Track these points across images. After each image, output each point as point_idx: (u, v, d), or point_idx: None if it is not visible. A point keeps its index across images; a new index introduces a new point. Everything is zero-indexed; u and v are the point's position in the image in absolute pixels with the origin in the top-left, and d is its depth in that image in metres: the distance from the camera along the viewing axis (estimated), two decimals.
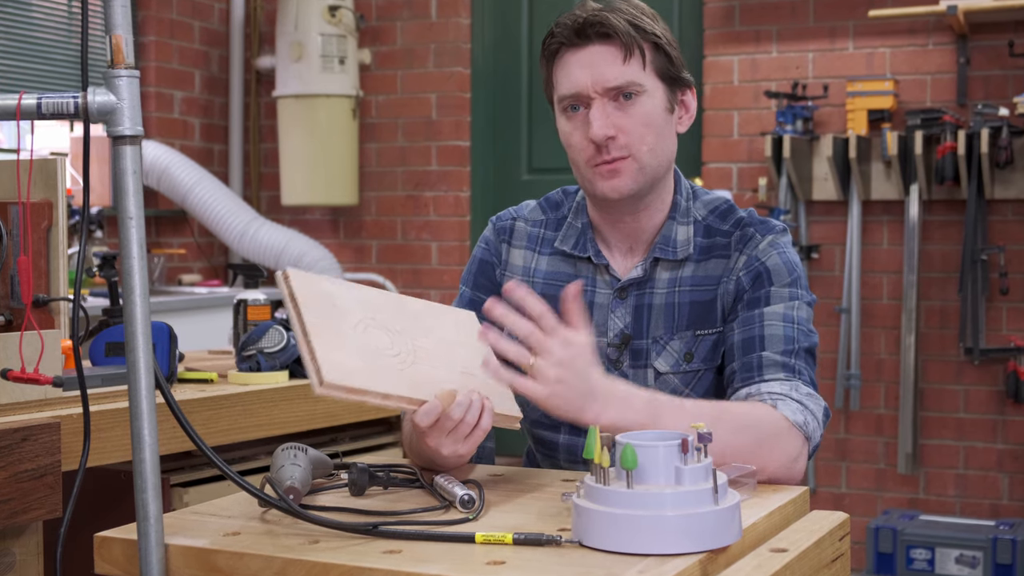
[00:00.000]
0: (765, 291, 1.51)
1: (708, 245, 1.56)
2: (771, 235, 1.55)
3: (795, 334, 1.49)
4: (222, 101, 4.70)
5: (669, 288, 1.56)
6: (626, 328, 1.56)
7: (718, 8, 4.07)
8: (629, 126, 1.49)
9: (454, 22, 4.47)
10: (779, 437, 1.40)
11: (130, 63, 1.12)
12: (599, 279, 1.58)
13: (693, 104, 1.58)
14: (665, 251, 1.56)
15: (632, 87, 1.49)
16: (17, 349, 1.54)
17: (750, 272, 1.53)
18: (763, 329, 1.49)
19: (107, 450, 1.72)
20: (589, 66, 1.49)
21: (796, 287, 1.53)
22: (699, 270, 1.55)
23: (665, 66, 1.52)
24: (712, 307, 1.54)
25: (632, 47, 1.48)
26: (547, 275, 1.61)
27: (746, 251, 1.54)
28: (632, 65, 1.49)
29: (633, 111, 1.49)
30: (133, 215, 1.12)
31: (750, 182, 4.05)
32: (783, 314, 1.50)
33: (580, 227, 1.61)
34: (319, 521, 1.17)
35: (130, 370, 1.12)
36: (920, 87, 3.86)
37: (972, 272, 3.73)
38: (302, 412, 2.07)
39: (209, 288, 4.21)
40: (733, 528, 1.11)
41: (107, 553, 1.19)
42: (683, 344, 1.54)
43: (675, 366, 1.53)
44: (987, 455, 3.82)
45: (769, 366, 1.47)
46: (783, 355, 1.48)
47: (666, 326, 1.54)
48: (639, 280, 1.56)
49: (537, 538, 1.11)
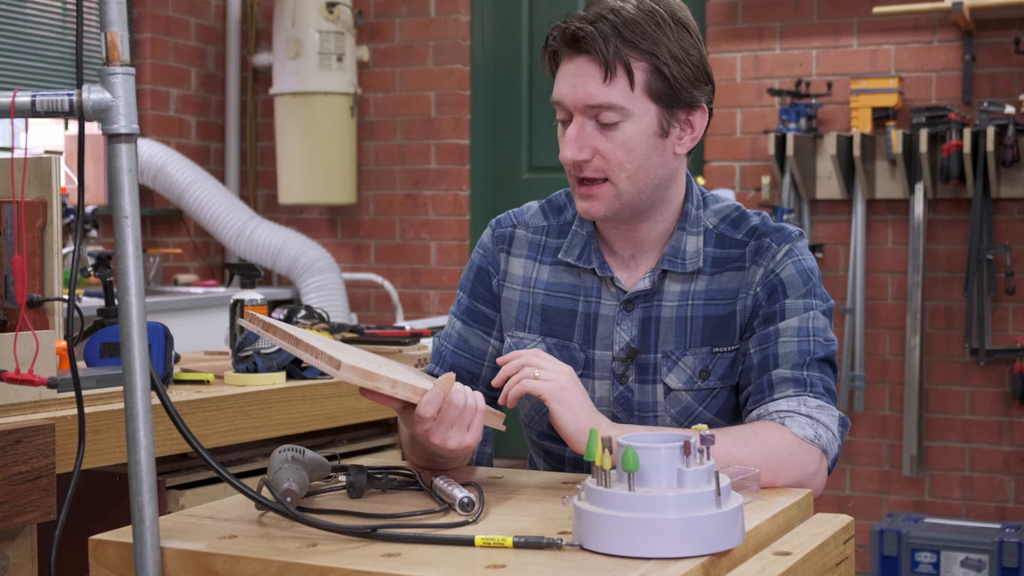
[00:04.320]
0: (780, 304, 1.48)
1: (722, 257, 1.51)
2: (787, 244, 1.50)
3: (810, 346, 1.46)
4: (218, 99, 4.69)
5: (681, 301, 1.51)
6: (632, 341, 1.51)
7: (721, 4, 4.06)
8: (608, 150, 1.43)
9: (453, 19, 4.45)
10: (791, 454, 1.39)
11: (125, 60, 1.12)
12: (604, 290, 1.54)
13: (701, 123, 1.48)
14: (674, 263, 1.51)
15: (613, 109, 1.41)
16: (11, 350, 1.54)
17: (767, 287, 1.49)
18: (777, 347, 1.47)
19: (102, 452, 1.72)
20: (573, 77, 1.43)
21: (811, 296, 1.49)
22: (713, 283, 1.50)
23: (661, 88, 1.42)
24: (730, 322, 1.50)
25: (615, 66, 1.40)
26: (548, 286, 1.57)
27: (763, 263, 1.49)
28: (615, 86, 1.41)
29: (613, 135, 1.43)
30: (128, 214, 1.11)
31: (753, 181, 4.04)
32: (798, 328, 1.47)
33: (585, 235, 1.56)
34: (317, 524, 1.17)
35: (125, 371, 1.12)
36: (925, 84, 3.84)
37: (978, 272, 3.72)
38: (299, 414, 2.06)
39: (205, 288, 4.20)
40: (736, 531, 1.11)
41: (102, 556, 1.18)
42: (698, 361, 1.49)
43: (688, 383, 1.50)
44: (993, 457, 3.81)
45: (779, 384, 1.45)
46: (794, 369, 1.45)
47: (677, 341, 1.50)
48: (646, 292, 1.51)
49: (537, 541, 1.11)
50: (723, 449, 1.32)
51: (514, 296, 1.58)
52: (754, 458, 1.35)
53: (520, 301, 1.57)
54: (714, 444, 1.16)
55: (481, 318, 1.60)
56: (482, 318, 1.60)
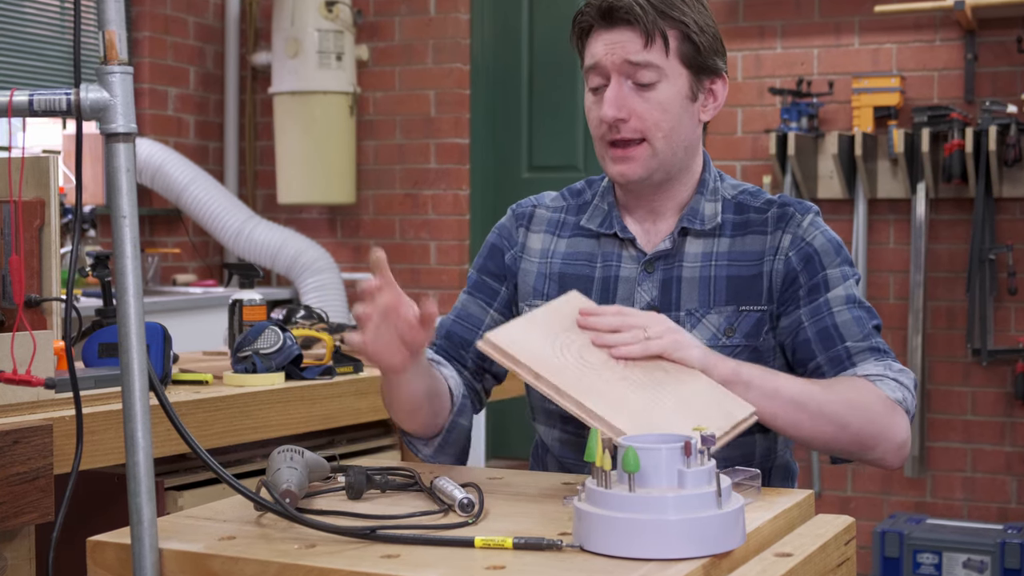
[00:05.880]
0: (823, 275, 1.54)
1: (743, 221, 1.58)
2: (810, 214, 1.58)
3: (862, 314, 1.54)
4: (217, 98, 4.68)
5: (704, 262, 1.56)
6: (653, 301, 1.56)
7: (722, 3, 4.05)
8: (645, 111, 1.51)
9: (453, 17, 4.45)
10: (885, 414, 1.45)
11: (123, 59, 1.12)
12: (624, 253, 1.60)
13: (722, 92, 1.58)
14: (692, 222, 1.57)
15: (651, 68, 1.50)
16: (9, 350, 1.53)
17: (800, 253, 1.54)
18: (833, 318, 1.52)
19: (100, 453, 1.71)
20: (612, 44, 1.51)
21: (846, 264, 1.56)
22: (736, 245, 1.57)
23: (691, 53, 1.52)
24: (756, 283, 1.55)
25: (654, 33, 1.49)
26: (566, 255, 1.63)
27: (789, 229, 1.55)
28: (653, 51, 1.50)
29: (650, 96, 1.51)
30: (127, 214, 1.11)
31: (754, 180, 4.03)
32: (845, 296, 1.53)
33: (607, 207, 1.62)
34: (316, 525, 1.16)
35: (124, 371, 1.11)
36: (927, 84, 3.84)
37: (980, 272, 3.71)
38: (298, 414, 2.06)
39: (204, 288, 4.20)
40: (737, 532, 1.10)
41: (100, 557, 1.18)
42: (723, 319, 1.54)
43: (712, 340, 1.54)
44: (995, 458, 3.80)
45: (857, 353, 1.51)
46: (863, 340, 1.52)
47: (701, 300, 1.55)
48: (667, 253, 1.57)
49: (537, 542, 1.10)
50: (829, 407, 1.41)
51: (532, 268, 1.64)
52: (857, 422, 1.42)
53: (537, 272, 1.63)
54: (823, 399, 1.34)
55: (486, 289, 1.66)
56: (487, 289, 1.66)
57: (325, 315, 2.39)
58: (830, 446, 1.46)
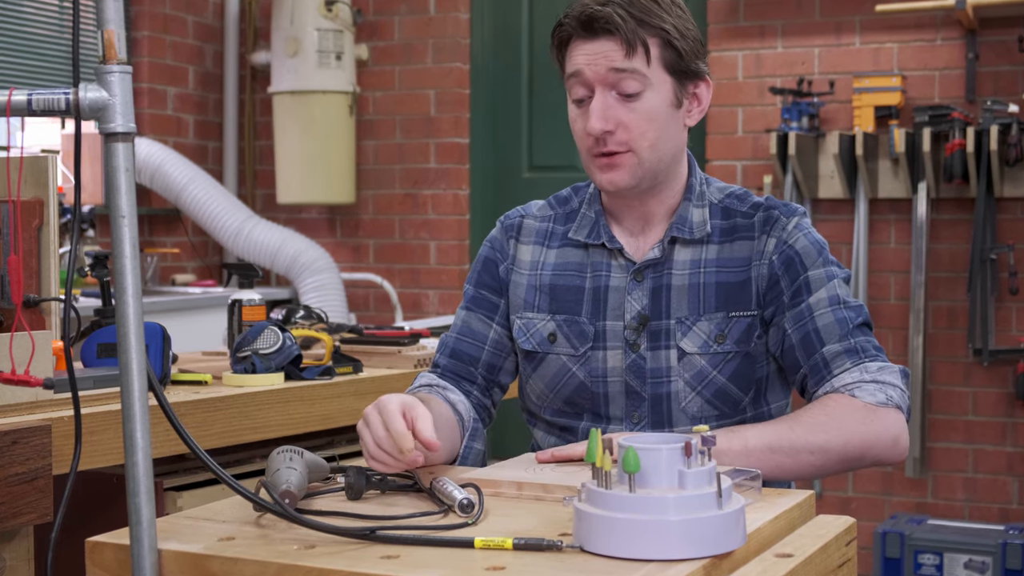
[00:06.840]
0: (804, 278, 1.53)
1: (729, 227, 1.58)
2: (795, 217, 1.57)
3: (845, 314, 1.52)
4: (216, 97, 4.68)
5: (692, 269, 1.57)
6: (643, 310, 1.57)
7: (722, 3, 4.05)
8: (631, 121, 1.51)
9: (453, 17, 4.44)
10: (869, 426, 1.44)
11: (122, 59, 1.12)
12: (613, 263, 1.60)
13: (706, 96, 1.58)
14: (681, 230, 1.57)
15: (635, 76, 1.49)
16: (7, 350, 1.53)
17: (781, 257, 1.55)
18: (815, 322, 1.52)
19: (99, 453, 1.71)
20: (594, 53, 1.51)
21: (828, 264, 1.55)
22: (724, 251, 1.57)
23: (673, 60, 1.52)
24: (745, 288, 1.55)
25: (635, 43, 1.49)
26: (556, 266, 1.63)
27: (774, 233, 1.56)
28: (635, 60, 1.50)
29: (636, 106, 1.51)
30: (126, 213, 1.11)
31: (755, 180, 4.03)
32: (827, 298, 1.53)
33: (594, 216, 1.62)
34: (315, 525, 1.16)
35: (122, 372, 1.11)
36: (928, 83, 3.83)
37: (981, 272, 3.71)
38: (298, 415, 2.05)
39: (203, 288, 4.19)
40: (737, 533, 1.10)
41: (99, 558, 1.17)
42: (713, 325, 1.54)
43: (703, 347, 1.54)
44: (996, 458, 3.80)
45: (833, 359, 1.50)
46: (841, 341, 1.50)
47: (691, 307, 1.56)
48: (656, 261, 1.57)
49: (537, 543, 1.10)
50: (802, 439, 1.41)
51: (522, 280, 1.64)
52: (835, 442, 1.42)
53: (528, 284, 1.63)
54: (793, 434, 1.31)
55: (485, 303, 1.66)
56: (486, 303, 1.66)
57: (324, 315, 2.39)
58: (821, 473, 1.46)
